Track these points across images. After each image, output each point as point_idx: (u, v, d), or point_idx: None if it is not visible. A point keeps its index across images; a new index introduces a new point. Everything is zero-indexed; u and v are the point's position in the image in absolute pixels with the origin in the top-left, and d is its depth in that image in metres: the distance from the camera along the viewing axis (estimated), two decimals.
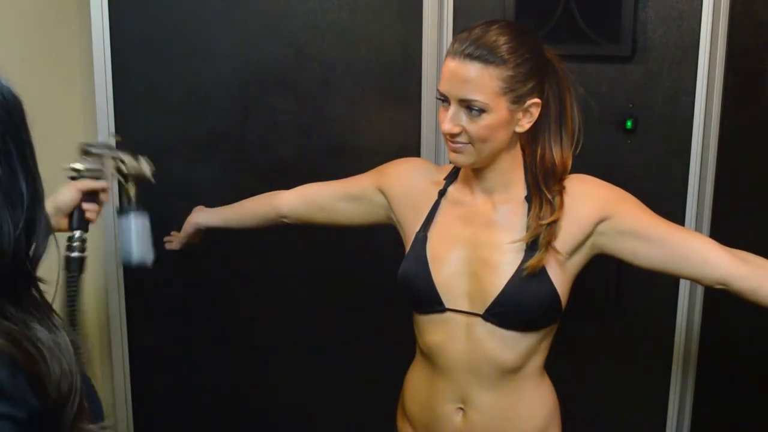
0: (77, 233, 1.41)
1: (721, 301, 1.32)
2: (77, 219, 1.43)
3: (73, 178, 1.45)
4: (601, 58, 1.75)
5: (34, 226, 0.81)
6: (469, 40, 1.27)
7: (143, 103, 1.99)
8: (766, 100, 1.69)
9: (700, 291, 1.78)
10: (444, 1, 1.80)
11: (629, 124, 1.75)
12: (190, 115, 1.98)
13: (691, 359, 1.84)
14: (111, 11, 1.94)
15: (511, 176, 1.38)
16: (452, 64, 1.27)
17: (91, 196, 1.45)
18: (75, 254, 1.38)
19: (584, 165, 1.41)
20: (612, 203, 1.35)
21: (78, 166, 1.46)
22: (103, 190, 1.47)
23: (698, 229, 1.76)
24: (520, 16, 1.74)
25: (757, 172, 1.73)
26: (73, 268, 1.37)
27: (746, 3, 1.67)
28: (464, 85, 1.26)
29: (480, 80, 1.25)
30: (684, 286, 1.80)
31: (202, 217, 1.78)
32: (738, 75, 1.69)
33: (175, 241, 1.82)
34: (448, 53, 1.29)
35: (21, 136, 0.81)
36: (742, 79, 1.70)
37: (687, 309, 1.81)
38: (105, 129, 1.98)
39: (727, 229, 1.74)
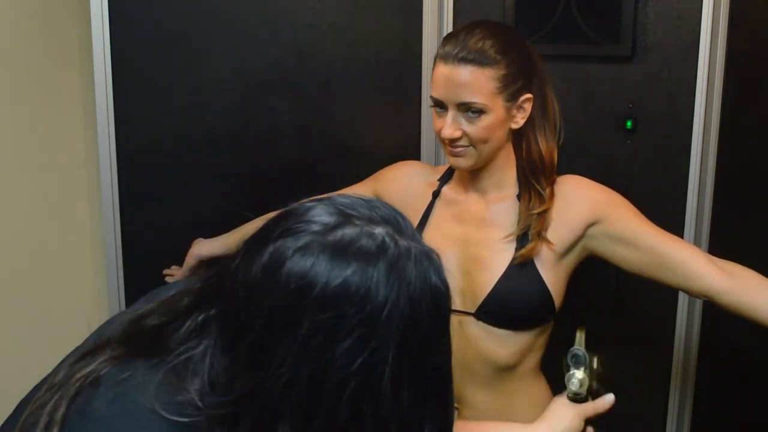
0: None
1: None
2: None
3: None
4: (601, 58, 1.75)
5: None
6: (459, 44, 1.28)
7: (143, 103, 1.99)
8: (766, 99, 1.69)
9: None
10: (444, 1, 1.80)
11: (629, 124, 1.75)
12: (190, 115, 1.98)
13: (691, 360, 1.83)
14: (111, 11, 1.93)
15: (503, 175, 1.38)
16: (445, 70, 1.28)
17: None
18: None
19: (584, 165, 1.41)
20: (604, 207, 1.35)
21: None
22: None
23: (698, 228, 1.76)
24: (520, 16, 1.75)
25: (757, 172, 1.73)
26: None
27: (746, 3, 1.66)
28: (461, 89, 1.27)
29: (476, 82, 1.27)
30: None
31: (204, 248, 1.74)
32: (738, 75, 1.69)
33: (177, 274, 1.79)
34: (439, 58, 1.30)
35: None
36: (742, 79, 1.69)
37: (687, 309, 1.81)
38: (105, 129, 1.98)
39: (727, 229, 1.74)
